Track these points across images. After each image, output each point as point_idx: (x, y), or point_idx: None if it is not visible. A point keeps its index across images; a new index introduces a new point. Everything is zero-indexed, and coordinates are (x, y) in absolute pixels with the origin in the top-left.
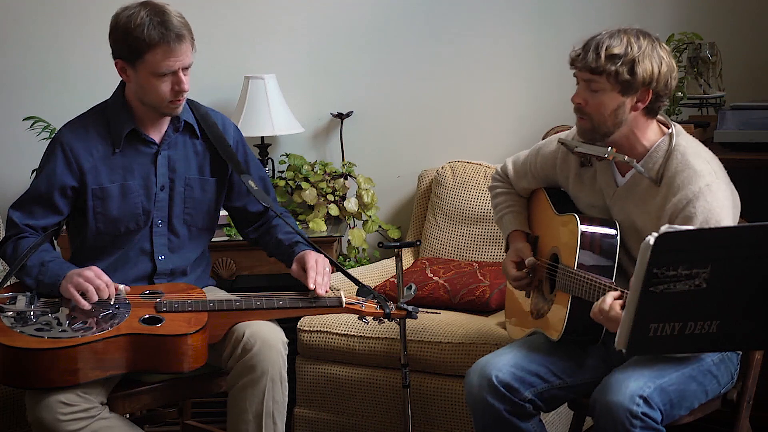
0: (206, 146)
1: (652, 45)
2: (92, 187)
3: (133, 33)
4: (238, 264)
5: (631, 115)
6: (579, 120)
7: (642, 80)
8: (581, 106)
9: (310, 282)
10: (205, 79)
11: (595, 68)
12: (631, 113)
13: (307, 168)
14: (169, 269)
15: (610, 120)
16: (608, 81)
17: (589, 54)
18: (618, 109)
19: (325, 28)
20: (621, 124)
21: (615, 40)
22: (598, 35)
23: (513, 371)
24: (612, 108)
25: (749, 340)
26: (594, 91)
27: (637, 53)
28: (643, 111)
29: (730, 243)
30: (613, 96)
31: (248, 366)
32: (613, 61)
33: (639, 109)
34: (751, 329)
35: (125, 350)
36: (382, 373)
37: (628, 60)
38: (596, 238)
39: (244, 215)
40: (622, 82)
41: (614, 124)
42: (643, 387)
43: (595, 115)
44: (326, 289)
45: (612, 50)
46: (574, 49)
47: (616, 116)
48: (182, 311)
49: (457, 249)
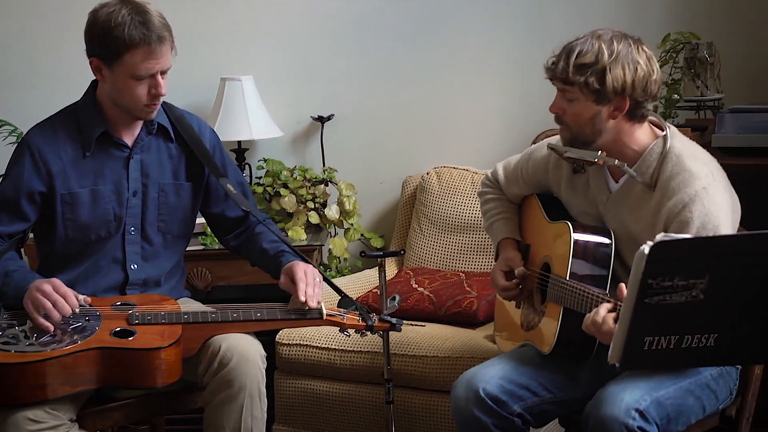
0: (181, 150)
1: (628, 49)
2: (61, 192)
3: (113, 32)
4: (214, 274)
5: (611, 123)
6: (560, 129)
7: (613, 89)
8: (559, 114)
9: (301, 294)
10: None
11: (565, 79)
12: (609, 121)
13: (286, 174)
14: (142, 279)
15: (588, 129)
16: (581, 91)
17: (560, 64)
18: (594, 118)
19: (306, 27)
20: (601, 133)
21: (587, 46)
22: (573, 42)
23: (501, 384)
24: (588, 117)
25: (749, 354)
26: (569, 100)
27: (608, 61)
28: (625, 117)
29: (728, 252)
30: (587, 105)
31: (225, 381)
32: (582, 72)
33: (618, 116)
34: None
35: (96, 364)
36: (365, 388)
37: (599, 69)
38: (590, 247)
39: (222, 222)
40: (594, 92)
41: (593, 133)
42: (639, 400)
43: (573, 124)
44: (318, 300)
45: (581, 59)
46: (550, 57)
47: (594, 125)
48: (155, 324)
49: (443, 258)
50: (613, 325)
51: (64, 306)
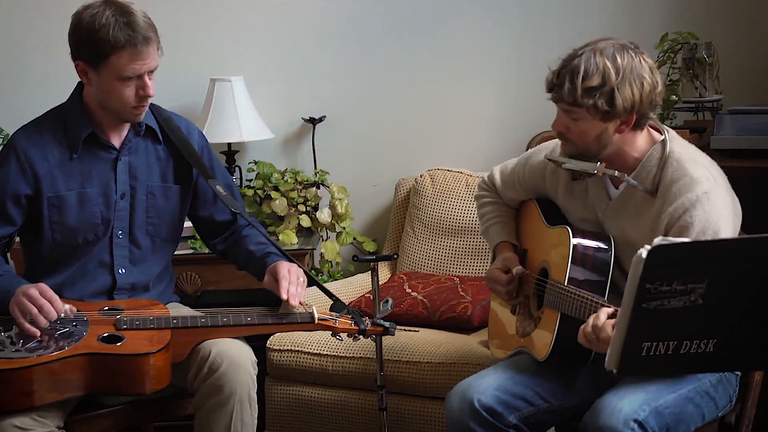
0: (169, 152)
1: (632, 63)
2: (48, 194)
3: (98, 34)
4: (204, 279)
5: (617, 137)
6: (563, 145)
7: (623, 109)
8: (563, 132)
9: (283, 292)
10: (168, 82)
11: (572, 102)
12: (615, 135)
13: (277, 176)
14: (130, 283)
15: (594, 145)
16: (588, 112)
17: (565, 87)
18: (602, 135)
19: (297, 27)
20: (606, 146)
21: (591, 66)
22: (574, 59)
23: (496, 394)
24: (595, 135)
25: (748, 361)
26: (574, 120)
27: (616, 81)
28: (630, 129)
29: (728, 256)
30: (594, 124)
31: (215, 387)
32: (590, 94)
33: (624, 131)
34: (750, 349)
35: (83, 371)
36: (357, 394)
37: (607, 91)
38: (589, 253)
39: (210, 225)
40: (602, 113)
41: (599, 148)
42: (637, 410)
43: (578, 141)
44: (301, 299)
45: (588, 82)
46: (549, 77)
47: (600, 141)
48: (144, 329)
49: (436, 262)
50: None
51: (50, 311)
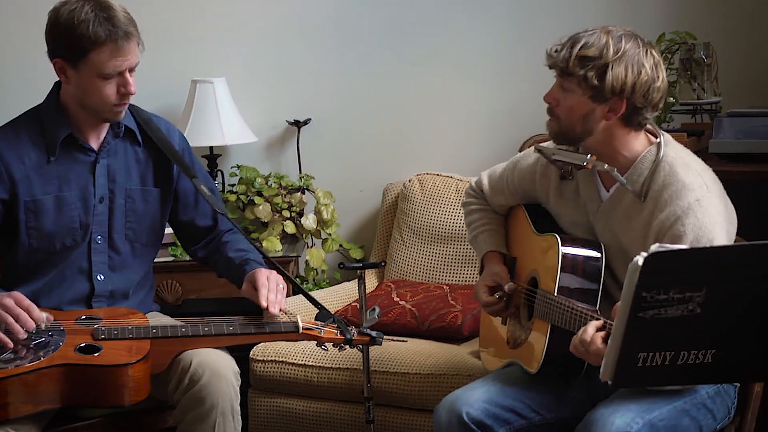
0: (149, 154)
1: (636, 50)
2: (24, 199)
3: (77, 30)
4: (185, 287)
5: (603, 124)
6: (549, 120)
7: (611, 88)
8: (552, 105)
9: (262, 300)
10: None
11: (564, 68)
12: (602, 122)
13: (261, 181)
14: (109, 291)
15: (579, 125)
16: (578, 85)
17: (563, 52)
18: (588, 115)
19: (282, 27)
20: (591, 132)
21: (593, 39)
22: (581, 32)
23: (486, 407)
24: (581, 113)
25: (748, 372)
26: (565, 91)
27: (613, 57)
28: (620, 121)
29: (727, 264)
30: (583, 101)
31: (196, 399)
32: (583, 64)
33: (612, 119)
34: (750, 359)
35: (59, 382)
36: (344, 406)
37: (600, 64)
38: (579, 261)
39: (191, 230)
40: (591, 87)
41: (583, 131)
42: (630, 423)
43: (564, 117)
44: (281, 307)
45: (585, 51)
46: (554, 44)
47: (585, 122)
48: (122, 338)
49: (425, 270)
50: (602, 345)
51: (27, 320)
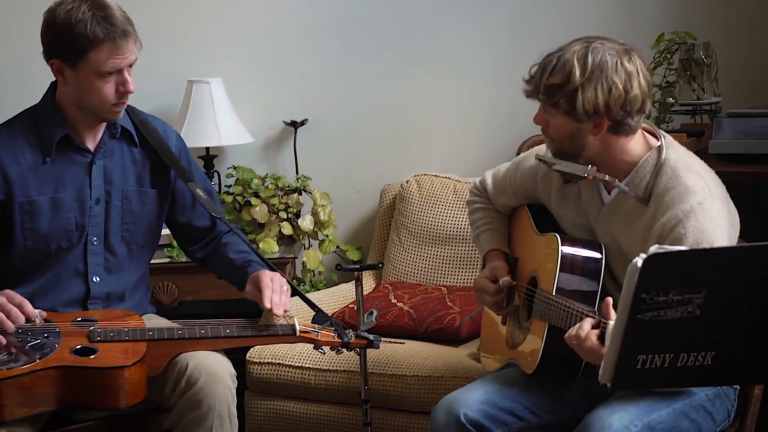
0: (145, 155)
1: (605, 65)
2: (20, 200)
3: (74, 29)
4: (181, 289)
5: (592, 139)
6: (546, 141)
7: (584, 111)
8: (543, 126)
9: (267, 301)
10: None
11: (537, 97)
12: (589, 137)
13: (257, 182)
14: (105, 293)
15: (568, 144)
16: (556, 110)
17: (533, 81)
18: (575, 133)
19: (278, 27)
20: (584, 147)
21: (560, 62)
22: (553, 52)
23: (484, 408)
24: (568, 132)
25: (748, 374)
26: (549, 114)
27: (580, 81)
28: (609, 132)
29: (727, 265)
30: (566, 122)
31: (193, 401)
32: (551, 92)
33: (599, 133)
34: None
35: (55, 384)
36: (341, 409)
37: (568, 91)
38: (578, 261)
39: (189, 231)
40: (566, 113)
41: (576, 148)
42: (628, 425)
43: (555, 137)
44: (285, 308)
45: (552, 80)
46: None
47: (574, 140)
48: (118, 341)
49: (423, 272)
50: (596, 342)
51: (18, 315)
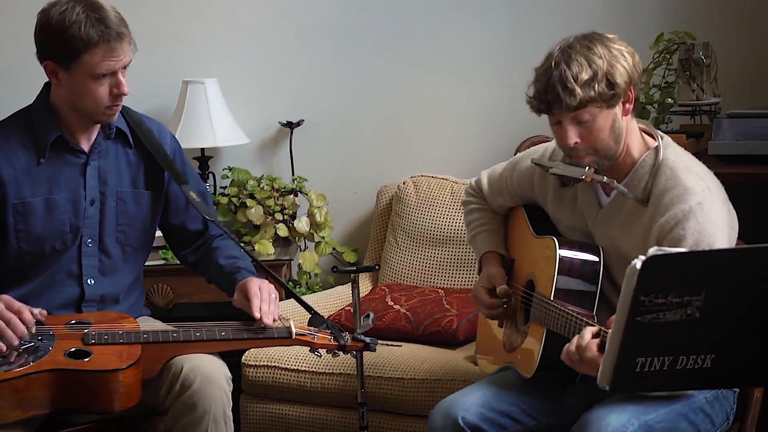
0: (140, 156)
1: (603, 45)
2: (13, 201)
3: (68, 31)
4: (176, 291)
5: (625, 121)
6: (579, 158)
7: (624, 84)
8: (577, 144)
9: (255, 311)
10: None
11: (577, 106)
12: (623, 119)
13: (253, 183)
14: (99, 295)
15: (612, 138)
16: (595, 106)
17: (562, 96)
18: (614, 124)
19: (274, 26)
20: (622, 134)
21: (574, 65)
22: (556, 69)
23: (481, 411)
24: (609, 125)
25: (748, 377)
26: (586, 122)
27: (602, 65)
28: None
29: (726, 267)
30: (605, 114)
31: (188, 404)
32: (590, 86)
33: (629, 111)
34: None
35: (49, 387)
36: (337, 412)
37: (601, 77)
38: (576, 265)
39: (181, 234)
40: (608, 98)
41: (616, 140)
42: (626, 424)
43: (598, 143)
44: (274, 317)
45: (583, 76)
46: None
47: (614, 130)
48: (113, 343)
49: (420, 274)
50: (597, 353)
51: (17, 325)
